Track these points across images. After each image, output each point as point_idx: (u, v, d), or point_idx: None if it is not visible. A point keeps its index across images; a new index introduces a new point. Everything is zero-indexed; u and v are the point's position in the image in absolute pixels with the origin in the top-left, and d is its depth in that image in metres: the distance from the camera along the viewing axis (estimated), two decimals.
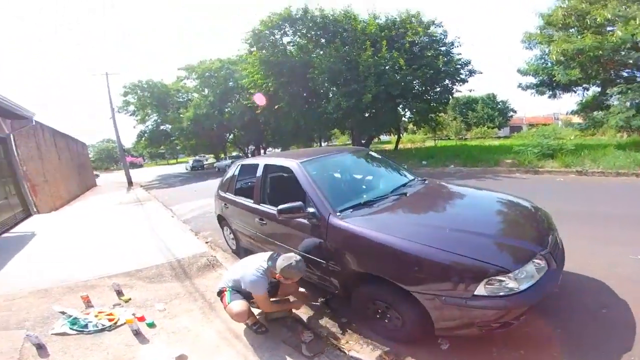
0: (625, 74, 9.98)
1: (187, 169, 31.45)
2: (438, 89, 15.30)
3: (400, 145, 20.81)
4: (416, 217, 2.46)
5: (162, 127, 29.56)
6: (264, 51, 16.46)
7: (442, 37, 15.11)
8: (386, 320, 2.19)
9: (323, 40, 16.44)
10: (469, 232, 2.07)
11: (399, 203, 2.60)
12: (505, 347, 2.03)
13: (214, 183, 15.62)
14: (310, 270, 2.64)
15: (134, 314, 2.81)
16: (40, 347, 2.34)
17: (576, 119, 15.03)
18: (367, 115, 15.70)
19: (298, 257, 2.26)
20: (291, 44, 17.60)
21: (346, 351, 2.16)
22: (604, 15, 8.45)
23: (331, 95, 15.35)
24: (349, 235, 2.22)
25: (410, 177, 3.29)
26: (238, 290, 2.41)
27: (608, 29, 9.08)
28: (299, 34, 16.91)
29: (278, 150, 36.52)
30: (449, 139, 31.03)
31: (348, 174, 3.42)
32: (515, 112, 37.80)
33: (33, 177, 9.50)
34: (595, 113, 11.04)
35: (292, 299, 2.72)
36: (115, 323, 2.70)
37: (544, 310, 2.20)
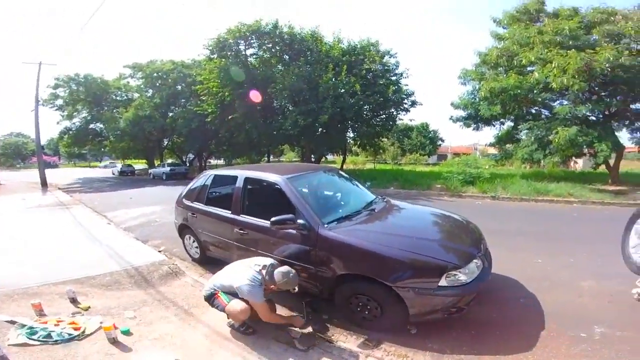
0: (533, 111, 11.78)
1: (114, 174, 29.07)
2: (384, 116, 16.57)
3: (344, 166, 21.97)
4: (388, 229, 2.97)
5: (91, 126, 26.74)
6: (223, 60, 16.16)
7: (394, 67, 16.24)
8: (366, 312, 2.56)
9: (286, 57, 16.58)
10: (429, 240, 2.76)
11: (372, 217, 3.11)
12: (460, 329, 2.57)
13: (152, 191, 14.57)
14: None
15: (101, 322, 2.66)
16: None
17: (492, 150, 17.62)
18: (318, 134, 16.25)
19: (293, 271, 2.48)
20: (254, 56, 17.44)
21: (334, 342, 2.44)
22: (529, 57, 9.69)
23: (287, 112, 15.56)
24: (338, 244, 2.60)
25: (373, 195, 3.82)
26: (231, 293, 2.48)
27: (529, 69, 10.53)
28: (264, 47, 16.83)
29: (221, 162, 34.79)
30: (386, 162, 33.82)
31: (326, 190, 3.82)
32: (443, 141, 42.53)
33: None
34: (507, 146, 13.04)
35: (291, 313, 2.89)
36: (83, 332, 2.53)
37: (482, 301, 2.82)
